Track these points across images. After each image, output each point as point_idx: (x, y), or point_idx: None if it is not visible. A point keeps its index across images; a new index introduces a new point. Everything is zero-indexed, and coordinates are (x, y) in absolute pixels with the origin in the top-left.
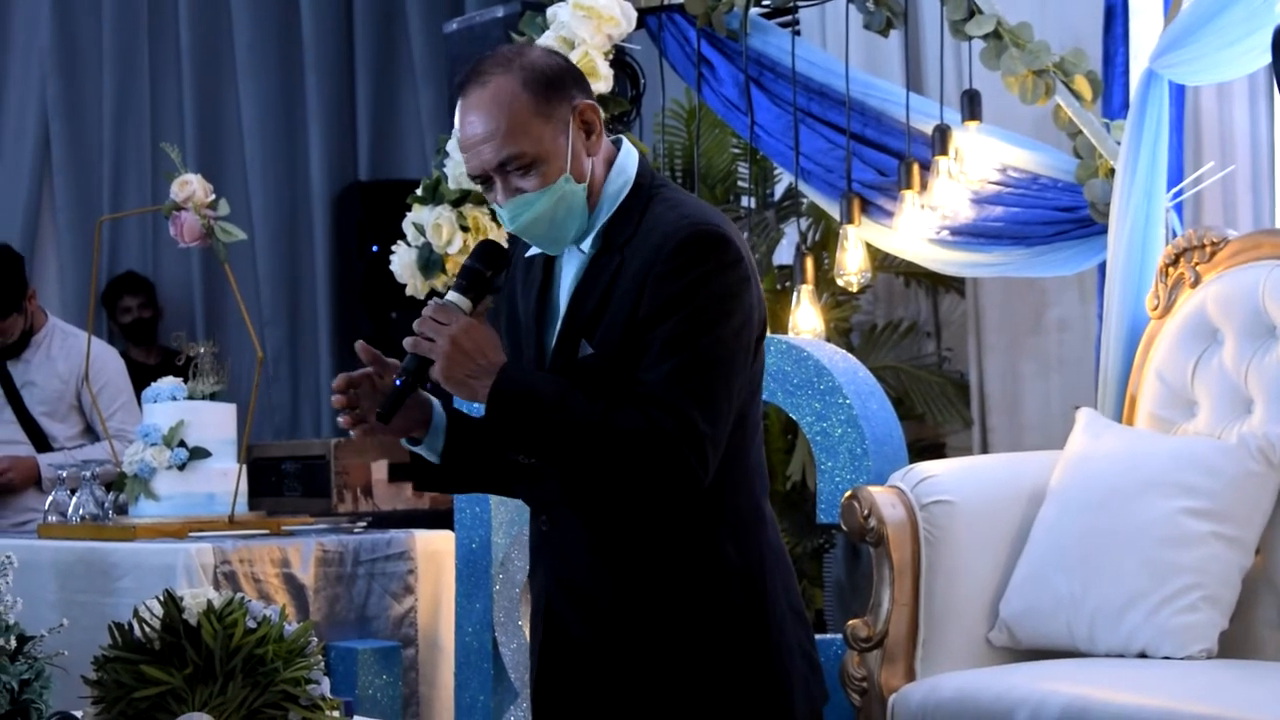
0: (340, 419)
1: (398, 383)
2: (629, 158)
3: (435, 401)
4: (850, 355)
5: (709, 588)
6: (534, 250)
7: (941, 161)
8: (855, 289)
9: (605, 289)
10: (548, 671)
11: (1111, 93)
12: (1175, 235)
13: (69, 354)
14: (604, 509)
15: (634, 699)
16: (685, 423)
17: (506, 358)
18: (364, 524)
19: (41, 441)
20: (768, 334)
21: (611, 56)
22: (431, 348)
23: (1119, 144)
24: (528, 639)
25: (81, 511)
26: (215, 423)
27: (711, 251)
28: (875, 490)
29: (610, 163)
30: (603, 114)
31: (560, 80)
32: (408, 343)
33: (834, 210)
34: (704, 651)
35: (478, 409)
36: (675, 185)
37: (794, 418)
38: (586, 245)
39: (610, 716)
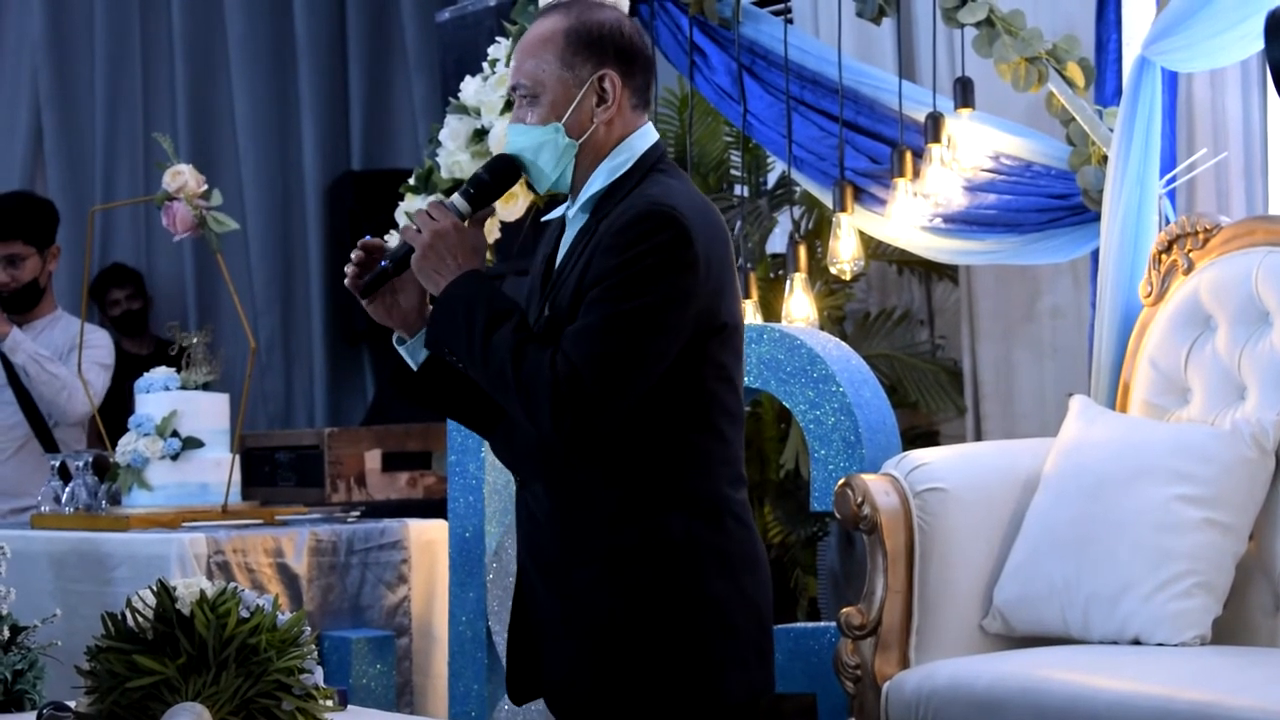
0: (347, 269)
1: (383, 264)
2: (642, 139)
3: None
4: (843, 343)
5: (649, 557)
6: (551, 214)
7: (934, 149)
8: (848, 277)
9: (577, 258)
10: (517, 626)
11: (1104, 80)
12: (1168, 222)
13: (69, 335)
14: (561, 469)
15: (579, 658)
16: (574, 377)
17: (479, 267)
18: (357, 513)
19: (40, 424)
20: (762, 323)
21: None
22: (414, 237)
23: (1112, 131)
24: None
25: (75, 502)
26: (208, 413)
27: (657, 229)
28: (869, 478)
29: (622, 139)
30: (626, 94)
31: (600, 44)
32: (400, 229)
33: (827, 198)
34: (637, 617)
35: None
36: (677, 171)
37: (787, 406)
38: (574, 210)
39: (561, 672)
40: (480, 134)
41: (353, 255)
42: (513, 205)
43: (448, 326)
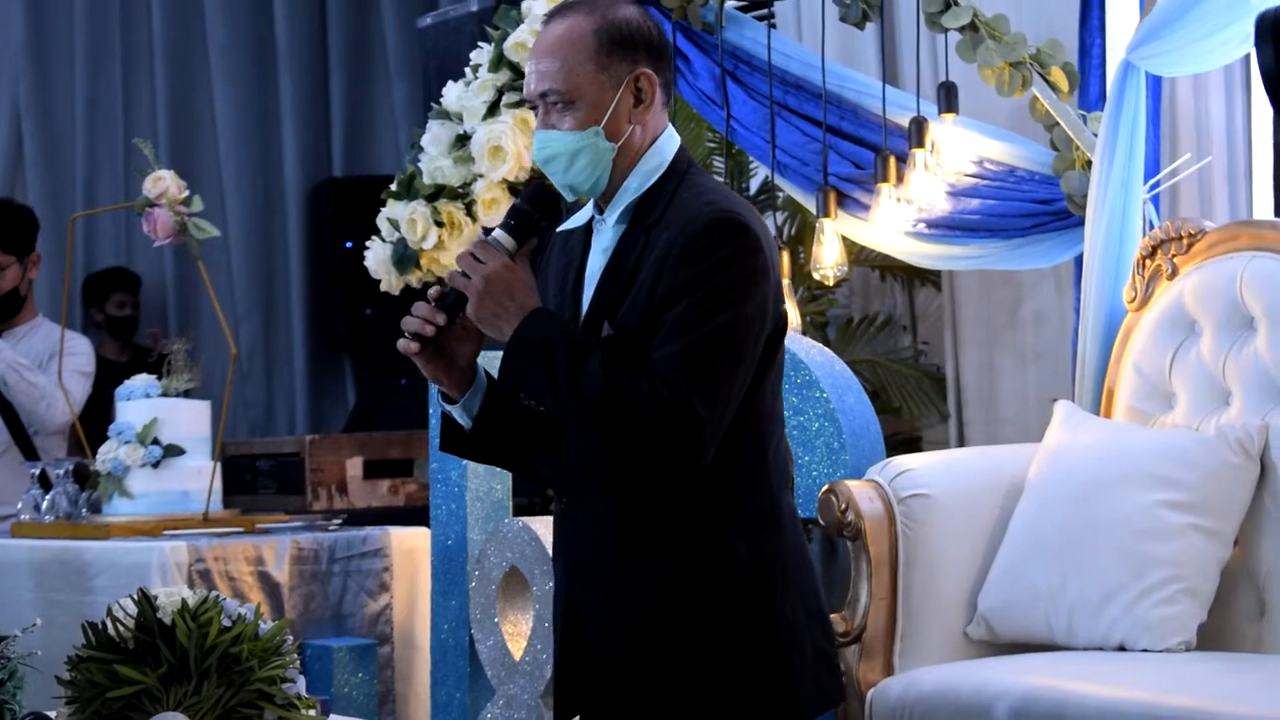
0: (411, 324)
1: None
2: (670, 141)
3: (483, 368)
4: (827, 349)
5: (718, 583)
6: (567, 225)
7: (918, 154)
8: (831, 283)
9: (630, 271)
10: (567, 653)
11: (1088, 84)
12: (1152, 227)
13: (50, 343)
14: (618, 492)
15: (644, 685)
16: (683, 404)
17: (539, 304)
18: (339, 521)
19: (20, 432)
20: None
21: None
22: (466, 284)
23: (1096, 136)
24: (504, 636)
25: (56, 510)
26: (189, 420)
27: (730, 238)
28: (853, 484)
29: (654, 140)
30: (663, 94)
31: (631, 41)
32: (447, 276)
33: (810, 204)
34: (710, 646)
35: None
36: (707, 174)
37: None
38: (612, 219)
39: (622, 700)
40: (462, 139)
41: (421, 312)
42: (495, 211)
43: (524, 371)
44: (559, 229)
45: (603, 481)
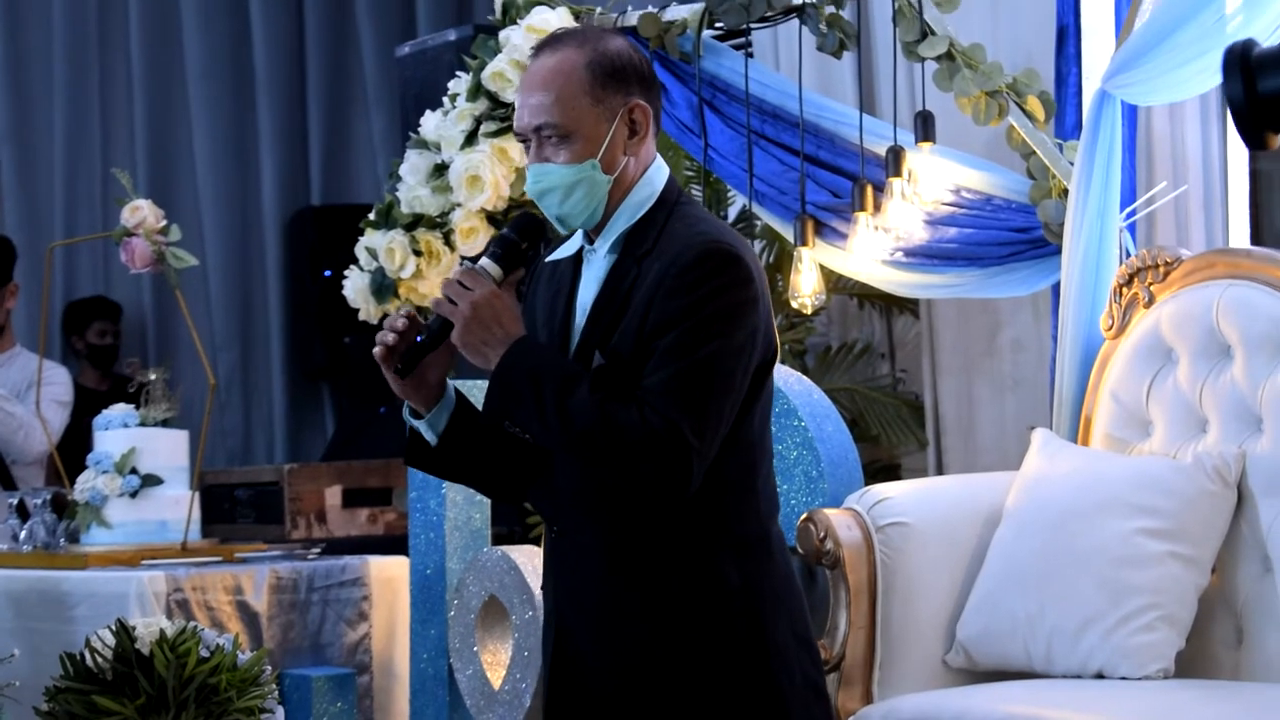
0: (378, 341)
1: (419, 339)
2: (659, 172)
3: (452, 385)
4: (805, 377)
5: (709, 610)
6: (555, 255)
7: (895, 183)
8: (809, 311)
9: (621, 301)
10: (558, 681)
11: (1064, 113)
12: (1129, 255)
13: (28, 372)
14: (608, 519)
15: (636, 712)
16: (673, 429)
17: (524, 332)
18: (318, 550)
19: None
20: None
21: None
22: (453, 311)
23: (1072, 164)
24: (483, 665)
25: (33, 540)
26: (167, 449)
27: (722, 269)
28: (831, 513)
29: (644, 171)
30: (654, 125)
31: (623, 73)
32: (433, 302)
33: (788, 232)
34: (703, 673)
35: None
36: (697, 204)
37: None
38: (604, 249)
39: None
40: (440, 169)
41: (396, 324)
42: (473, 240)
43: (511, 398)
44: (547, 259)
45: (592, 509)
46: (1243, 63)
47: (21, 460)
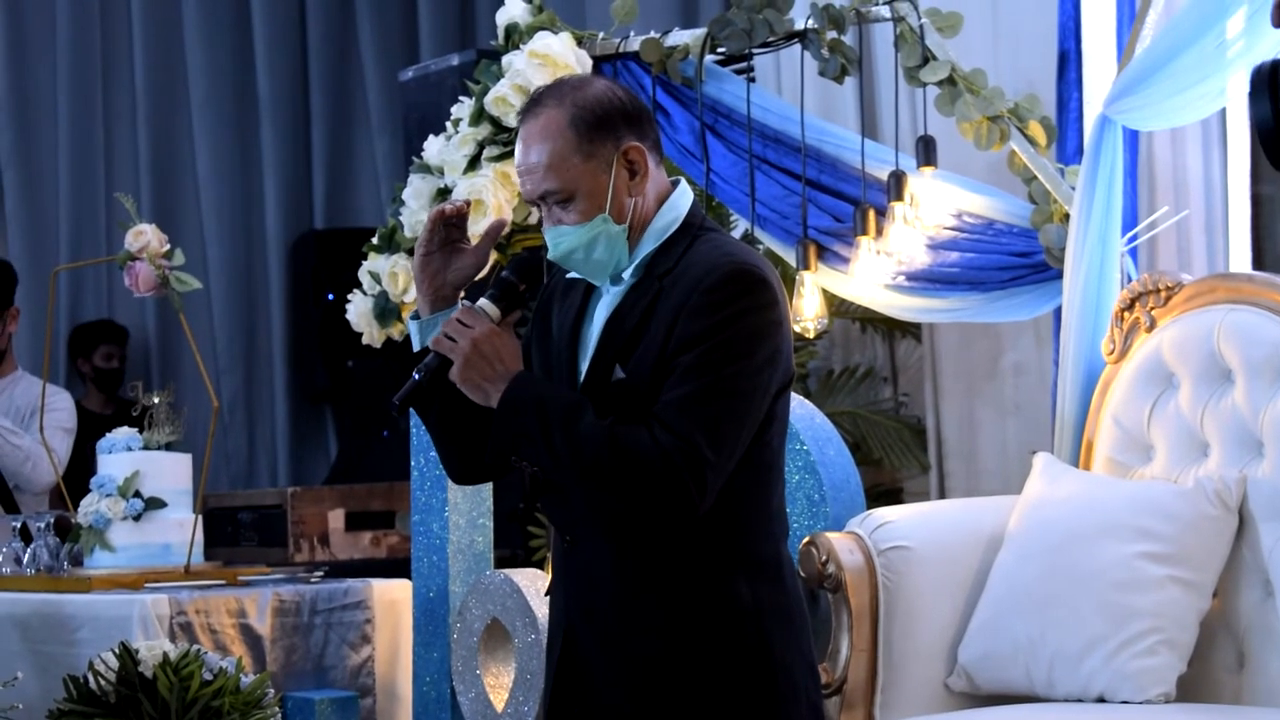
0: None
1: (415, 376)
2: (683, 197)
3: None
4: (807, 401)
5: (720, 629)
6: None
7: (897, 207)
8: (812, 335)
9: (641, 316)
10: (562, 689)
11: (1065, 138)
12: (1130, 280)
13: (31, 396)
14: (621, 533)
15: None
16: (688, 445)
17: (523, 368)
18: (321, 573)
19: (1, 487)
20: None
21: None
22: (452, 348)
23: (1074, 189)
24: (486, 688)
25: (37, 563)
26: (171, 473)
27: (748, 291)
28: (833, 536)
29: (663, 199)
30: (653, 156)
31: (609, 120)
32: (432, 341)
33: (790, 257)
34: (710, 691)
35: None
36: (723, 230)
37: None
38: (628, 273)
39: None
40: (443, 193)
41: (459, 205)
42: None
43: (517, 432)
44: (563, 276)
45: (607, 526)
46: (1272, 82)
47: (30, 490)
